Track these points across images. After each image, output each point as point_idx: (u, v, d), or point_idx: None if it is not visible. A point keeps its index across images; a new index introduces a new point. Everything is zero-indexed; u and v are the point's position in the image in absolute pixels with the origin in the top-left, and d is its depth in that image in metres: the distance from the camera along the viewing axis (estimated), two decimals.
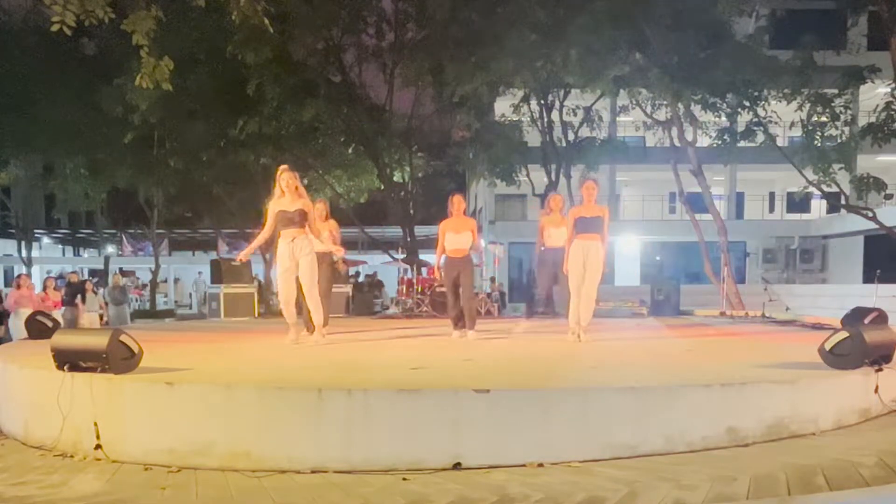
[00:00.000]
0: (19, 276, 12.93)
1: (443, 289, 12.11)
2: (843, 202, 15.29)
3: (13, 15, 19.02)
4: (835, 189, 14.75)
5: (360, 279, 18.50)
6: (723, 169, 22.63)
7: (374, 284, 18.71)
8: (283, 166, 6.11)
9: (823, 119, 13.93)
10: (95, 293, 13.21)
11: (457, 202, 6.91)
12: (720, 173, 24.16)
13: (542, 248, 7.99)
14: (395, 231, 18.48)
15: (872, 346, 4.41)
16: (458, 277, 6.84)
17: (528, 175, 18.38)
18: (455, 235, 6.83)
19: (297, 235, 5.98)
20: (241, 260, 6.50)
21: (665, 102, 15.21)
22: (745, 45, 14.00)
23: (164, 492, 3.31)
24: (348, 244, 7.63)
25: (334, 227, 7.57)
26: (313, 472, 3.54)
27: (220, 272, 11.93)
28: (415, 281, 12.54)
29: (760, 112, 14.29)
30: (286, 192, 5.94)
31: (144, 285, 27.36)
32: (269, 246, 6.76)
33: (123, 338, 4.20)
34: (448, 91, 16.92)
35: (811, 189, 14.93)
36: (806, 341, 5.85)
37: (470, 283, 6.89)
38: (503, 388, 3.81)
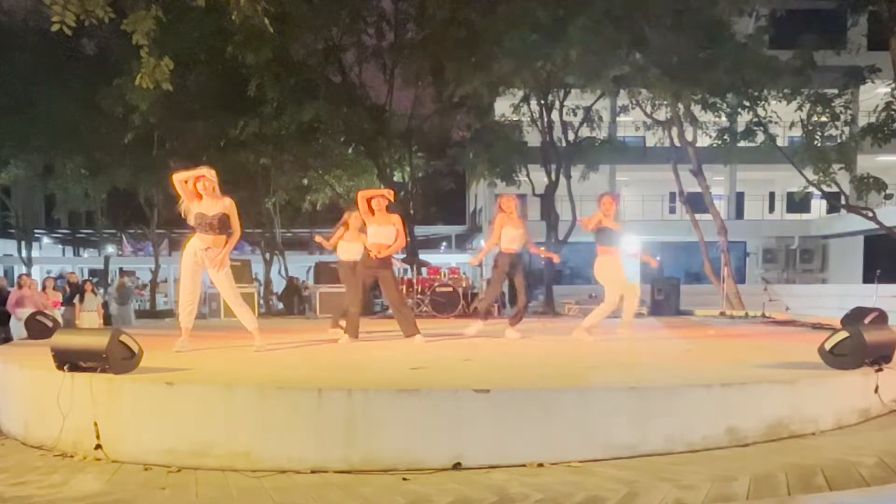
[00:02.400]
0: (21, 275, 12.95)
1: (443, 289, 12.15)
2: (843, 202, 15.27)
3: (13, 15, 19.00)
4: (835, 189, 14.74)
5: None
6: (723, 169, 22.64)
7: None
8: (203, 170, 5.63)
9: (823, 119, 13.91)
10: (95, 293, 13.22)
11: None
12: (720, 173, 24.16)
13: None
14: None
15: (872, 346, 4.41)
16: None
17: (528, 175, 18.37)
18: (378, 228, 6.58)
19: (212, 244, 5.60)
20: None
21: (665, 102, 15.20)
22: (745, 45, 13.99)
23: (164, 492, 3.31)
24: None
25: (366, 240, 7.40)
26: (313, 472, 3.54)
27: None
28: (415, 281, 12.54)
29: (760, 112, 14.28)
30: (204, 195, 5.54)
31: (144, 285, 27.37)
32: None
33: (123, 338, 4.21)
34: (448, 91, 16.90)
35: (811, 189, 14.92)
36: (806, 341, 5.86)
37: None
38: (503, 388, 3.81)
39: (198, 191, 5.56)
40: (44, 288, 11.48)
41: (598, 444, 3.67)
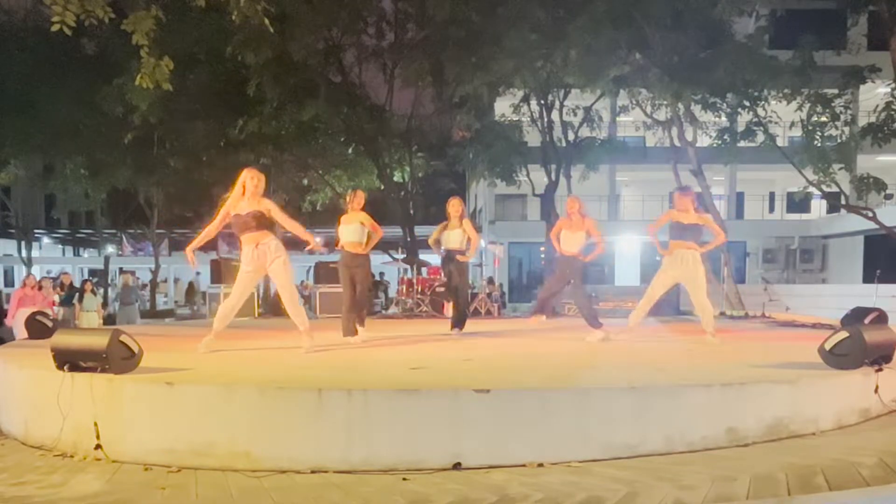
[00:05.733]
0: (29, 275, 12.93)
1: (443, 289, 12.14)
2: (843, 202, 15.27)
3: (13, 15, 19.02)
4: (835, 189, 14.74)
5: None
6: (723, 169, 22.62)
7: (378, 284, 18.70)
8: (251, 169, 5.73)
9: (823, 119, 13.90)
10: (94, 293, 13.20)
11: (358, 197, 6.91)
12: (720, 173, 24.16)
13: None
14: (394, 231, 18.49)
15: (872, 346, 4.41)
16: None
17: (528, 175, 18.38)
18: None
19: (259, 240, 5.55)
20: (188, 254, 5.73)
21: (665, 102, 15.20)
22: (745, 45, 13.98)
23: (163, 492, 3.31)
24: None
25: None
26: (313, 472, 3.54)
27: (219, 272, 11.92)
28: (415, 281, 12.54)
29: (760, 112, 14.27)
30: (246, 194, 5.55)
31: (144, 285, 27.40)
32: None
33: (123, 338, 4.21)
34: (448, 91, 16.91)
35: (811, 189, 14.91)
36: (806, 341, 5.85)
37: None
38: (503, 388, 3.81)
39: (245, 188, 5.55)
40: (40, 288, 11.46)
41: (598, 444, 3.67)
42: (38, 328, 6.97)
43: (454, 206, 7.18)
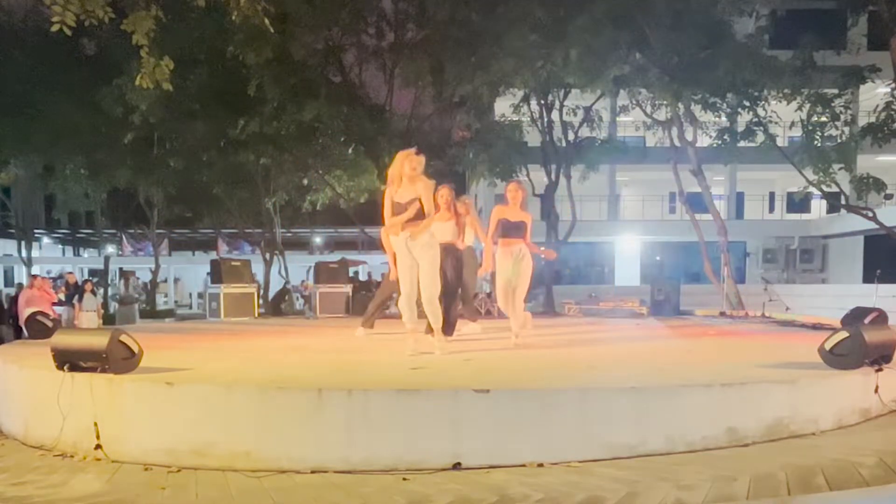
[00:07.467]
0: (34, 276, 12.95)
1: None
2: (843, 202, 15.27)
3: (13, 15, 19.03)
4: (835, 189, 14.74)
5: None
6: (723, 169, 22.62)
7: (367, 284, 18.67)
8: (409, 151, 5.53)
9: (823, 119, 13.90)
10: (94, 293, 13.22)
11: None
12: (720, 173, 24.15)
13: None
14: None
15: (872, 346, 4.41)
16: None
17: (528, 175, 18.36)
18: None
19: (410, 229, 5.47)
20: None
21: (665, 102, 15.19)
22: (745, 45, 13.98)
23: (164, 492, 3.32)
24: (348, 244, 7.46)
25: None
26: (313, 472, 3.54)
27: (220, 272, 11.93)
28: None
29: (760, 112, 14.26)
30: (404, 179, 5.41)
31: (144, 285, 27.41)
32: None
33: (123, 338, 4.21)
34: (448, 91, 16.91)
35: (811, 189, 14.91)
36: (806, 341, 5.85)
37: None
38: (503, 388, 3.81)
39: (401, 174, 5.41)
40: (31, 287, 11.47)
41: (598, 444, 3.67)
42: (38, 328, 6.98)
43: (444, 195, 6.73)
